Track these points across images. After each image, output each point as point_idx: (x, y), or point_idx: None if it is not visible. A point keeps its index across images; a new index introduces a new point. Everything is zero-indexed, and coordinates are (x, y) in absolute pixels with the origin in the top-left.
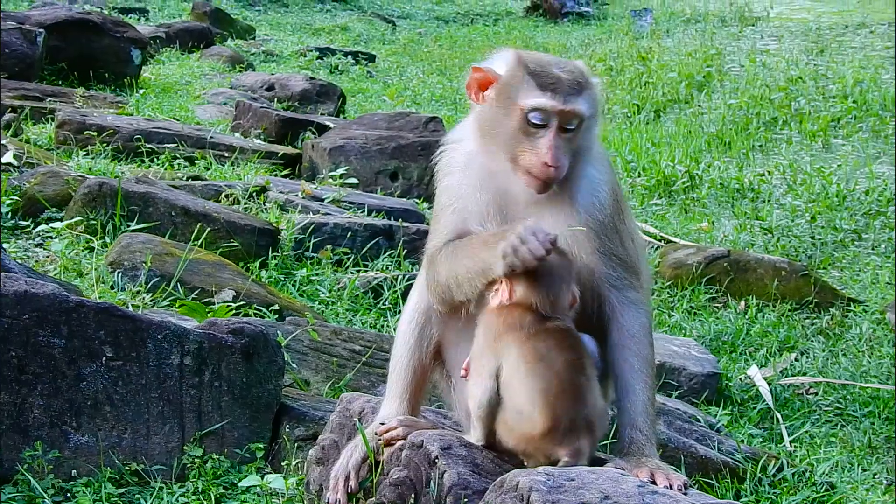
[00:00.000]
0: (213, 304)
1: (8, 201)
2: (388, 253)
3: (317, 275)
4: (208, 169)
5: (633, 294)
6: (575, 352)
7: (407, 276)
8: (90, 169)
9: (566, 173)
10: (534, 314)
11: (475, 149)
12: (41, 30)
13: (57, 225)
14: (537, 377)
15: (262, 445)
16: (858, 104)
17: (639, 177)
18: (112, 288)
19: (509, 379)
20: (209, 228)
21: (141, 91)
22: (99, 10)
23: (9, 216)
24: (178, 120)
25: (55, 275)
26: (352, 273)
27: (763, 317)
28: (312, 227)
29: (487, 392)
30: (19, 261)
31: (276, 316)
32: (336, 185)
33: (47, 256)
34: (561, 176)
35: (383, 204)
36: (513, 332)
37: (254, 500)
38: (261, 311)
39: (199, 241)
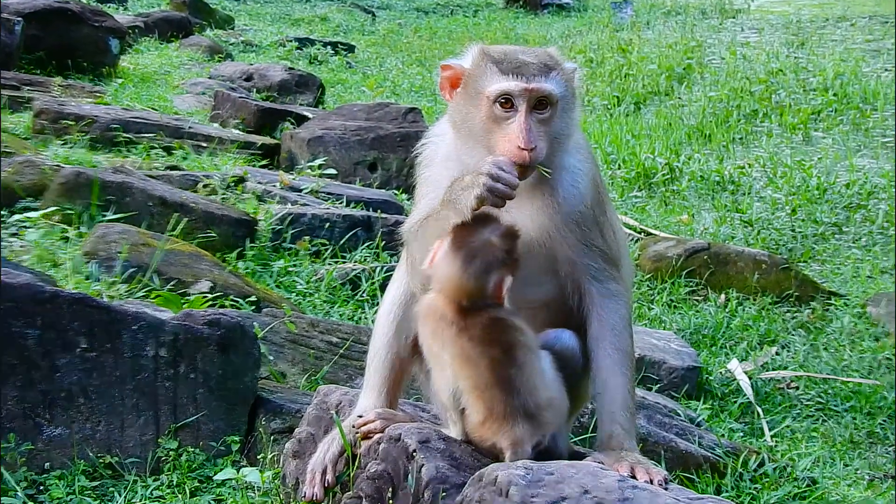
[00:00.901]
0: (189, 295)
1: None
2: (366, 244)
3: (294, 266)
4: (186, 159)
5: (614, 286)
6: (500, 346)
7: (385, 268)
8: (67, 158)
9: (548, 163)
10: (460, 306)
11: (455, 143)
12: (19, 18)
13: (33, 214)
14: (466, 377)
15: (237, 438)
16: (839, 97)
17: (619, 169)
18: (87, 278)
19: (452, 375)
20: (186, 219)
21: (119, 80)
22: None
23: None
24: (156, 110)
25: (30, 265)
26: (329, 264)
27: (743, 310)
28: (290, 217)
29: (449, 383)
30: None
31: (253, 307)
32: (314, 176)
33: (22, 246)
34: (539, 158)
35: (362, 195)
36: (445, 327)
37: (229, 493)
38: (237, 302)
39: (176, 232)
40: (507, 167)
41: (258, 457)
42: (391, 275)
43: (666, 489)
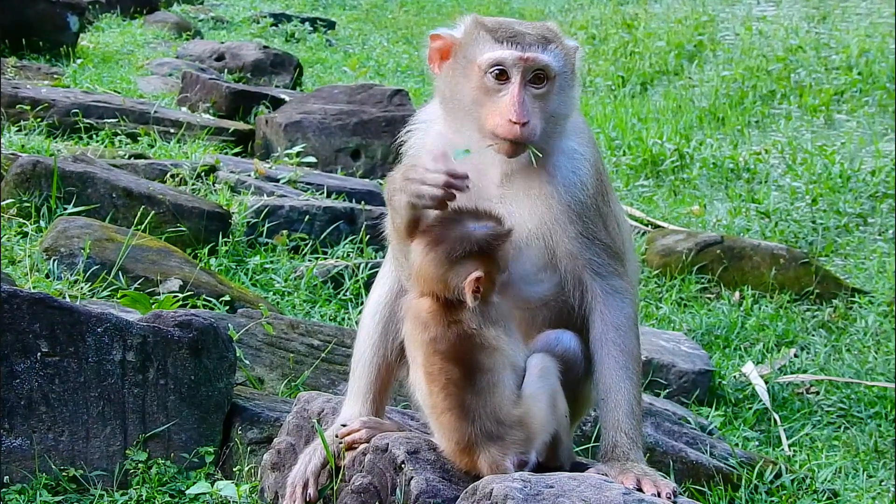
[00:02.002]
0: (158, 294)
1: None
2: (349, 239)
3: (271, 262)
4: (152, 146)
5: (618, 282)
6: (462, 366)
7: (370, 265)
8: (23, 146)
9: (543, 145)
10: (437, 309)
11: (444, 129)
12: None
13: None
14: (429, 395)
15: (211, 449)
16: (864, 76)
17: (624, 155)
18: (47, 276)
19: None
20: (153, 211)
21: (79, 61)
22: None
23: None
24: (119, 93)
25: None
26: (310, 261)
27: (759, 309)
28: (267, 210)
29: (422, 390)
30: None
31: (227, 308)
32: (292, 165)
33: None
34: (532, 135)
35: (344, 185)
36: (420, 330)
37: None
38: (210, 302)
39: (143, 226)
40: (430, 165)
41: (234, 469)
42: (377, 272)
43: (675, 502)
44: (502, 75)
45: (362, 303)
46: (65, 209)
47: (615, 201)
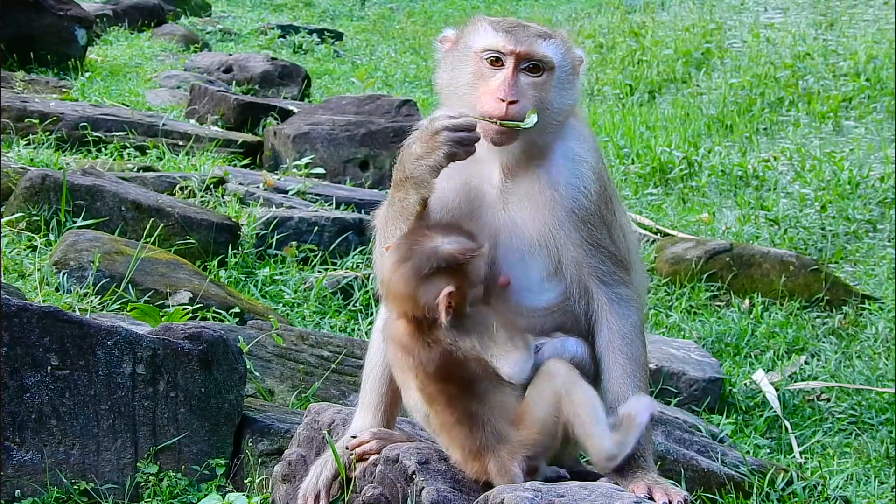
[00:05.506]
0: (168, 306)
1: None
2: (358, 249)
3: (281, 274)
4: (161, 159)
5: (624, 290)
6: (456, 382)
7: None
8: (32, 160)
9: (544, 149)
10: (413, 330)
11: None
12: None
13: None
14: (435, 414)
15: (222, 461)
16: (872, 82)
17: (632, 164)
18: (57, 290)
19: (420, 405)
20: (162, 224)
21: (86, 74)
22: None
23: None
24: (127, 105)
25: None
26: (319, 272)
27: (769, 316)
28: (275, 221)
29: (420, 410)
30: None
31: (237, 319)
32: (301, 176)
33: None
34: (519, 116)
35: (352, 196)
36: (404, 356)
37: None
38: (220, 314)
39: (152, 238)
40: (453, 113)
41: (245, 481)
42: None
43: None
44: (497, 62)
45: (372, 313)
46: (74, 222)
47: (621, 211)
